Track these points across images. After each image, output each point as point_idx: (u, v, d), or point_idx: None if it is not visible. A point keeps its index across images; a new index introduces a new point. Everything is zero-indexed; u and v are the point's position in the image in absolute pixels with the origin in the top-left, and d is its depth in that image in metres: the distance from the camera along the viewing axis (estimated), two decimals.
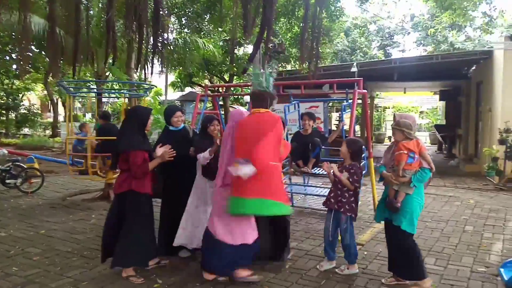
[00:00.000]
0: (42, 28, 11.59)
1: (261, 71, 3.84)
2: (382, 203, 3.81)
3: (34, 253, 4.54)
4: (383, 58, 23.40)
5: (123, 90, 9.63)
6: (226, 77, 19.73)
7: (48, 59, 11.56)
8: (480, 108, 12.60)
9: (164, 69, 15.69)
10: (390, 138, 25.92)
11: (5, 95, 21.81)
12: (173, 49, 14.37)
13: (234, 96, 21.52)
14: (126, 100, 13.17)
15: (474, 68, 13.08)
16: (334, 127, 16.62)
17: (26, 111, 23.07)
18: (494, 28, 19.47)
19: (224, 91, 8.69)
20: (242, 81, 17.54)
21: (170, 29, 14.12)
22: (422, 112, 29.36)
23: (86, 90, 9.29)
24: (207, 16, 15.16)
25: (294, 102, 6.55)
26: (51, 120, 23.83)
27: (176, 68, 18.07)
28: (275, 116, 3.76)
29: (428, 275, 3.68)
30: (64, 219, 5.98)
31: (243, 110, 4.12)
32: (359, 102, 8.51)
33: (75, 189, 8.26)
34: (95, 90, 10.44)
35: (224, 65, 18.43)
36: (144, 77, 10.19)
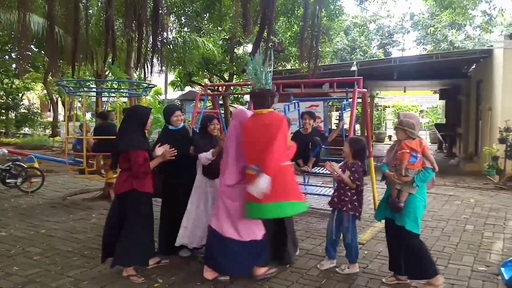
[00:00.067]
0: (42, 27, 11.59)
1: (259, 67, 3.79)
2: (384, 202, 3.80)
3: (34, 252, 4.54)
4: (383, 57, 23.38)
5: (123, 90, 9.62)
6: (226, 76, 19.71)
7: (47, 58, 11.55)
8: (480, 107, 12.60)
9: (163, 68, 15.70)
10: (390, 137, 25.92)
11: (4, 95, 21.79)
12: (172, 48, 14.36)
13: (234, 95, 21.56)
14: (121, 100, 13.14)
15: (474, 67, 13.08)
16: (334, 126, 16.64)
17: (26, 111, 23.05)
18: (494, 26, 19.48)
19: (224, 90, 8.71)
20: (242, 80, 17.53)
21: (169, 28, 14.10)
22: (422, 111, 29.39)
23: (86, 89, 9.26)
24: (207, 15, 15.16)
25: (294, 101, 6.55)
26: (51, 119, 23.81)
27: (175, 67, 18.06)
28: (280, 116, 3.75)
29: (440, 272, 3.65)
30: (64, 219, 5.98)
31: (246, 110, 4.11)
32: (359, 101, 8.50)
33: (76, 188, 8.26)
34: (95, 89, 10.43)
35: (223, 64, 18.42)
36: (143, 76, 10.18)
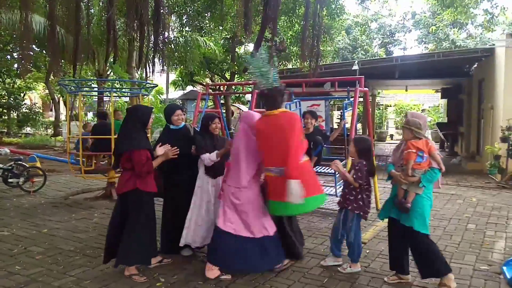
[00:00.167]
0: (43, 27, 11.61)
1: (264, 66, 3.78)
2: (390, 202, 3.77)
3: (37, 252, 4.55)
4: (385, 56, 23.35)
5: (125, 89, 9.63)
6: (227, 75, 19.70)
7: (49, 58, 11.58)
8: (482, 105, 12.57)
9: (165, 67, 15.73)
10: (392, 136, 25.90)
11: (6, 94, 21.83)
12: (174, 47, 14.38)
13: (235, 94, 21.56)
14: (123, 99, 13.13)
15: (475, 65, 13.05)
16: (335, 126, 16.63)
17: (28, 110, 23.08)
18: (496, 25, 19.44)
19: (225, 90, 8.70)
20: (243, 79, 17.53)
21: (171, 27, 14.11)
22: (423, 110, 29.33)
23: (87, 89, 9.28)
24: (208, 14, 15.16)
25: (295, 101, 6.56)
26: (53, 119, 23.84)
27: (177, 66, 18.08)
28: (292, 115, 3.78)
29: (451, 269, 3.63)
30: (66, 218, 5.99)
31: (253, 112, 4.13)
32: (361, 100, 8.50)
33: (77, 188, 8.27)
34: (96, 89, 10.45)
35: (225, 63, 18.42)
36: (145, 75, 10.20)
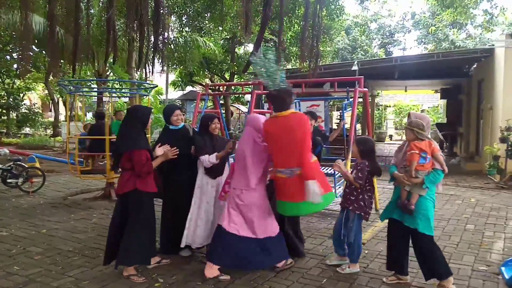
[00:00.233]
0: (43, 27, 11.61)
1: (270, 67, 3.76)
2: (393, 204, 3.75)
3: (35, 252, 4.55)
4: (384, 57, 23.36)
5: (125, 89, 9.64)
6: (227, 76, 19.71)
7: (48, 58, 11.57)
8: (481, 106, 12.58)
9: (164, 68, 15.74)
10: (391, 136, 25.92)
11: (6, 95, 21.83)
12: (173, 48, 14.39)
13: (235, 95, 21.58)
14: (122, 99, 13.11)
15: (475, 66, 13.06)
16: (335, 126, 16.63)
17: (27, 111, 23.09)
18: (495, 26, 19.46)
19: (224, 90, 8.71)
20: (243, 80, 17.54)
21: (170, 28, 14.12)
22: (423, 110, 29.34)
23: (87, 89, 9.28)
24: (208, 15, 15.17)
25: (295, 101, 6.55)
26: (52, 119, 23.85)
27: (176, 67, 18.08)
28: (301, 115, 3.80)
29: (452, 272, 3.63)
30: (65, 219, 5.98)
31: (259, 115, 4.15)
32: (360, 100, 8.48)
33: (77, 188, 8.27)
34: (96, 89, 10.46)
35: (224, 64, 18.42)
36: (145, 76, 10.21)
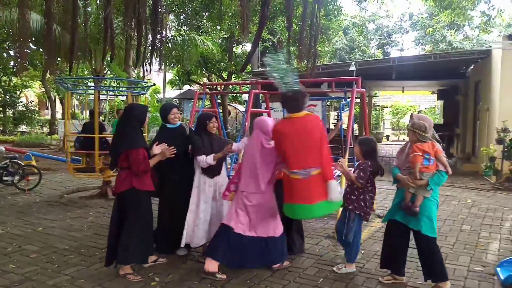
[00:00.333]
0: (40, 24, 11.55)
1: (285, 71, 3.73)
2: (396, 206, 3.75)
3: (31, 250, 4.53)
4: (382, 57, 23.41)
5: (122, 88, 9.62)
6: (225, 75, 19.71)
7: (45, 56, 11.52)
8: (478, 107, 12.62)
9: (162, 66, 15.71)
10: (388, 137, 25.97)
11: (2, 92, 21.74)
12: (171, 46, 14.37)
13: (233, 94, 21.56)
14: (120, 98, 13.07)
15: (472, 67, 13.09)
16: (332, 126, 16.65)
17: (24, 108, 23.01)
18: (493, 27, 19.52)
19: (222, 89, 8.70)
20: (240, 79, 17.53)
21: (168, 26, 14.09)
22: (420, 111, 29.44)
23: (84, 87, 9.26)
24: (206, 13, 15.15)
25: None
26: (49, 117, 23.76)
27: (174, 65, 18.06)
28: (316, 117, 3.84)
29: (448, 277, 3.63)
30: (61, 217, 5.97)
31: (266, 118, 4.18)
32: (358, 101, 8.50)
33: (73, 186, 8.23)
34: (93, 87, 10.42)
35: (222, 63, 18.41)
36: (142, 74, 10.18)
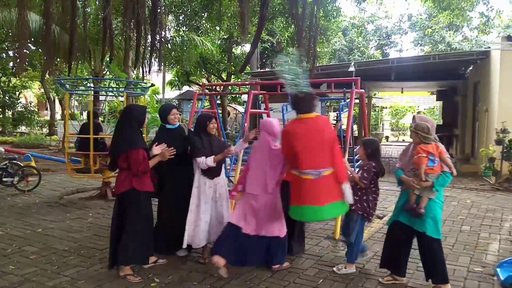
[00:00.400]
0: (39, 25, 11.54)
1: (297, 74, 3.73)
2: (400, 208, 3.75)
3: (31, 251, 4.53)
4: (381, 58, 23.43)
5: (121, 88, 9.62)
6: (224, 75, 19.70)
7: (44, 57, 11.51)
8: (477, 108, 12.63)
9: (161, 67, 15.70)
10: (387, 138, 25.97)
11: (1, 93, 21.71)
12: (170, 47, 14.35)
13: (232, 95, 21.55)
14: (119, 98, 13.06)
15: (471, 68, 13.11)
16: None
17: (23, 109, 22.97)
18: (491, 28, 19.56)
19: (221, 90, 8.69)
20: (239, 80, 17.53)
21: (167, 27, 14.08)
22: (419, 112, 29.46)
23: (83, 88, 9.26)
24: (205, 14, 15.14)
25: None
26: (48, 118, 23.73)
27: (173, 66, 18.05)
28: (327, 118, 3.89)
29: (449, 280, 3.64)
30: (61, 218, 5.96)
31: (272, 119, 4.23)
32: (357, 101, 8.51)
33: (72, 187, 8.23)
34: (92, 88, 10.42)
35: (222, 63, 18.41)
36: (142, 75, 10.18)
